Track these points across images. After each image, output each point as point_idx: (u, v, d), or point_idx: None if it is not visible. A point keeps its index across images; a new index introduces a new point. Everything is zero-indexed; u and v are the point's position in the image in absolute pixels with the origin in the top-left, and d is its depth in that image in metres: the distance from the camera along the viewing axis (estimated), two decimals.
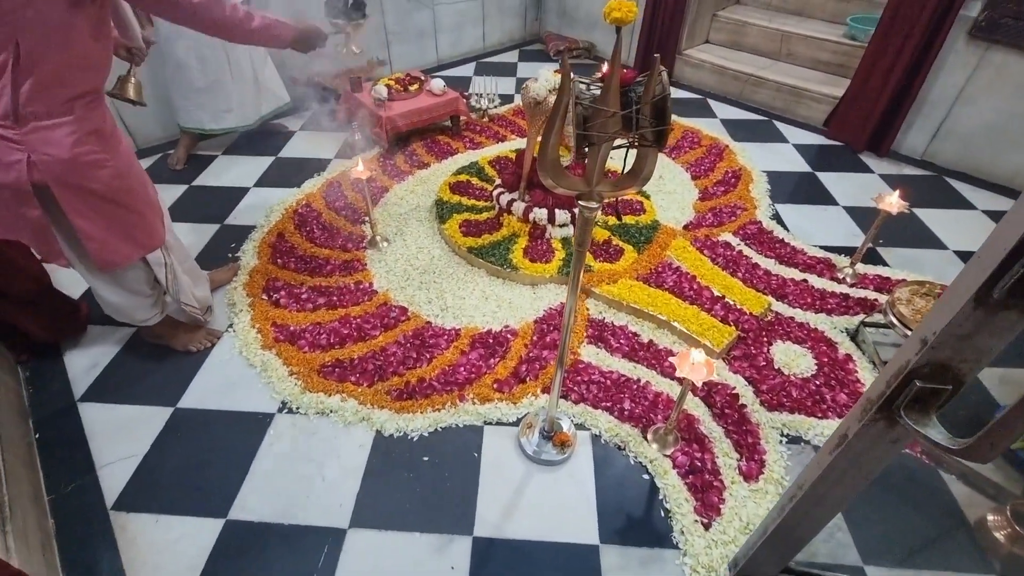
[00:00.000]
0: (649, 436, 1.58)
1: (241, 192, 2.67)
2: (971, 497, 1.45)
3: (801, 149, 3.15)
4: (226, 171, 2.83)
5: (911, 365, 0.44)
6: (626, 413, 1.65)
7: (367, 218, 2.39)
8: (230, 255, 2.26)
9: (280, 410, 1.66)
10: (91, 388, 1.72)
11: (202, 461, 1.53)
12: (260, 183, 2.74)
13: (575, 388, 1.72)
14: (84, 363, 1.79)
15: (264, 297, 2.03)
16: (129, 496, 1.45)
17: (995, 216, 2.60)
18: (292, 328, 1.90)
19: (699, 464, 1.51)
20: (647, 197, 2.54)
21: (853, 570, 1.31)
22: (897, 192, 1.98)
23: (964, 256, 2.34)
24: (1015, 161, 2.73)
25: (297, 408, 1.66)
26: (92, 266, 1.45)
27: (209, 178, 2.78)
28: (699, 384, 1.33)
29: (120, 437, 1.58)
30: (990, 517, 1.36)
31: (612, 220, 2.35)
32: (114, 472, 1.50)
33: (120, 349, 1.84)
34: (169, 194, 2.63)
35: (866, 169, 2.98)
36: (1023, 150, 2.68)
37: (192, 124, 2.74)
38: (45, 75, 1.13)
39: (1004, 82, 2.62)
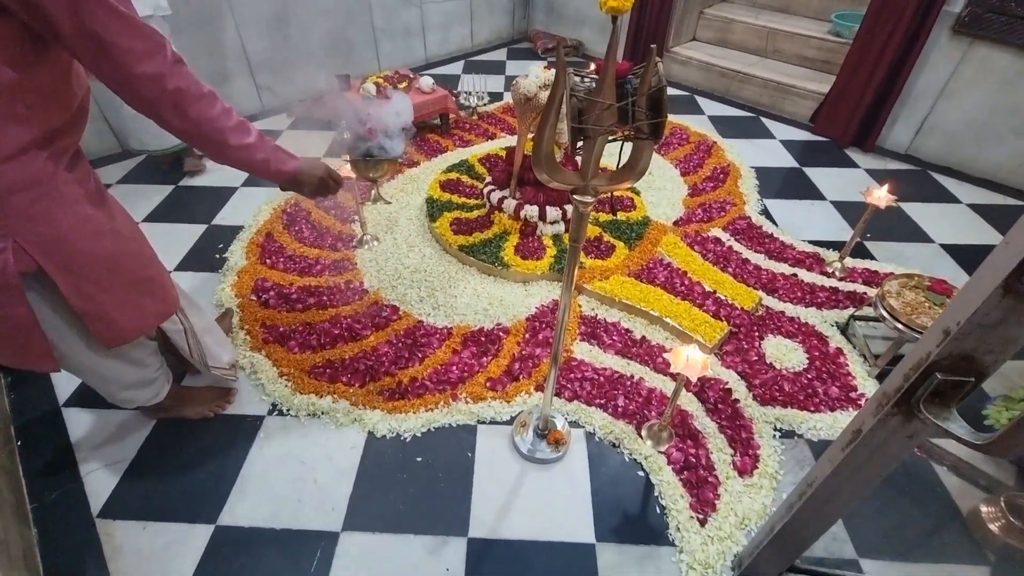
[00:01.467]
0: (643, 433, 1.58)
1: (228, 192, 2.63)
2: (963, 488, 1.46)
3: (788, 145, 3.17)
4: (213, 171, 2.78)
5: (932, 357, 0.43)
6: (620, 410, 1.64)
7: (356, 217, 2.37)
8: (218, 255, 2.22)
9: (270, 412, 1.63)
10: (76, 393, 1.67)
11: (191, 465, 1.50)
12: (247, 183, 2.70)
13: (568, 385, 1.71)
14: None
15: (253, 298, 2.00)
16: (116, 503, 1.41)
17: (979, 209, 2.64)
18: (282, 329, 1.87)
19: (693, 460, 1.51)
20: (637, 193, 2.54)
21: (849, 564, 1.32)
22: (886, 187, 2.00)
23: (950, 249, 2.37)
24: (998, 155, 2.77)
25: (288, 410, 1.63)
26: (94, 346, 1.22)
27: (195, 178, 2.73)
28: (694, 380, 1.33)
29: (106, 443, 1.55)
30: (983, 508, 1.37)
31: (603, 216, 2.35)
32: (100, 479, 1.46)
33: None
34: (155, 195, 2.58)
35: (852, 164, 3.01)
36: (1006, 144, 2.72)
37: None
38: (12, 134, 0.90)
39: (987, 77, 2.65)
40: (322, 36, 3.42)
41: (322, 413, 1.62)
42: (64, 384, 1.69)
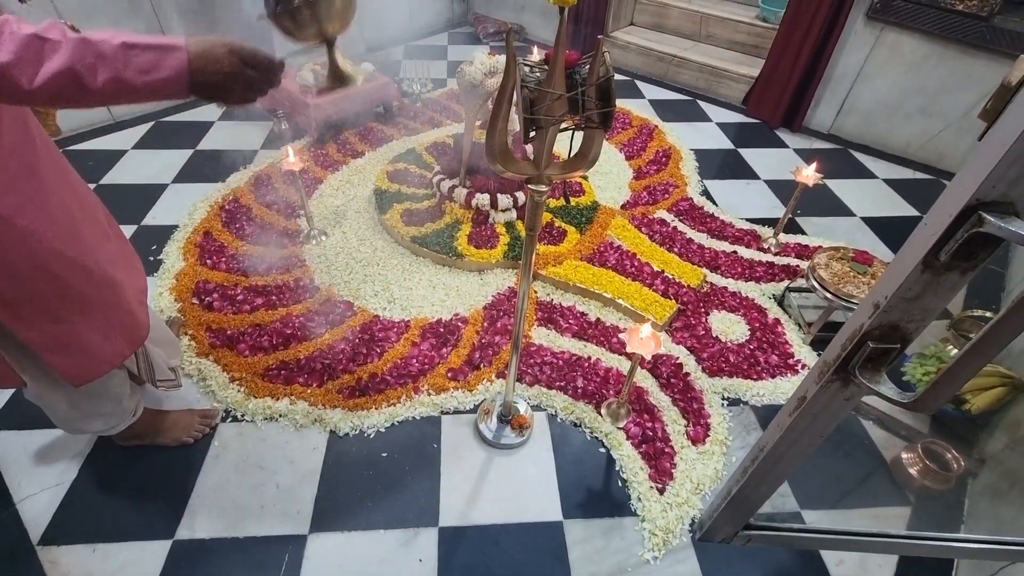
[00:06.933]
0: (603, 411, 1.64)
1: (159, 189, 2.47)
2: (887, 439, 1.62)
3: (724, 127, 3.31)
4: (140, 167, 2.60)
5: (865, 328, 0.48)
6: (580, 391, 1.69)
7: (302, 211, 2.29)
8: (152, 258, 2.09)
9: (224, 419, 1.57)
10: (0, 414, 1.55)
11: (140, 482, 1.43)
12: (179, 179, 2.54)
13: (529, 371, 1.74)
14: None
15: (195, 301, 1.90)
16: (58, 528, 1.33)
17: (893, 184, 2.86)
18: (229, 332, 1.80)
19: (651, 433, 1.59)
20: (585, 178, 2.59)
21: (792, 516, 1.43)
22: (812, 165, 2.14)
23: (869, 222, 2.57)
24: (906, 132, 3.01)
25: (243, 416, 1.58)
26: (57, 382, 1.09)
27: (120, 175, 2.54)
28: (648, 357, 1.39)
29: (41, 465, 1.44)
30: (904, 455, 1.52)
31: (553, 202, 2.38)
32: (38, 503, 1.37)
33: None
34: None
35: (782, 144, 3.18)
36: (913, 122, 2.96)
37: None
38: None
39: (897, 60, 2.86)
40: (251, 20, 3.23)
41: (280, 416, 1.58)
42: None
